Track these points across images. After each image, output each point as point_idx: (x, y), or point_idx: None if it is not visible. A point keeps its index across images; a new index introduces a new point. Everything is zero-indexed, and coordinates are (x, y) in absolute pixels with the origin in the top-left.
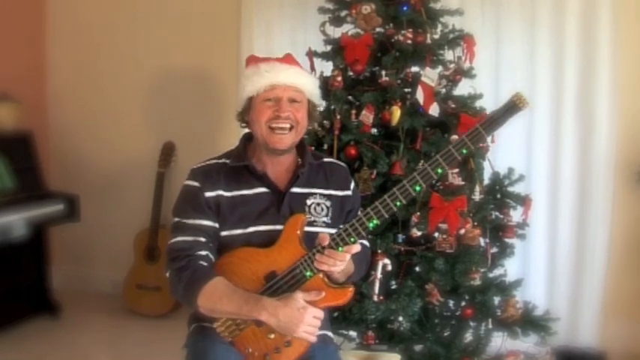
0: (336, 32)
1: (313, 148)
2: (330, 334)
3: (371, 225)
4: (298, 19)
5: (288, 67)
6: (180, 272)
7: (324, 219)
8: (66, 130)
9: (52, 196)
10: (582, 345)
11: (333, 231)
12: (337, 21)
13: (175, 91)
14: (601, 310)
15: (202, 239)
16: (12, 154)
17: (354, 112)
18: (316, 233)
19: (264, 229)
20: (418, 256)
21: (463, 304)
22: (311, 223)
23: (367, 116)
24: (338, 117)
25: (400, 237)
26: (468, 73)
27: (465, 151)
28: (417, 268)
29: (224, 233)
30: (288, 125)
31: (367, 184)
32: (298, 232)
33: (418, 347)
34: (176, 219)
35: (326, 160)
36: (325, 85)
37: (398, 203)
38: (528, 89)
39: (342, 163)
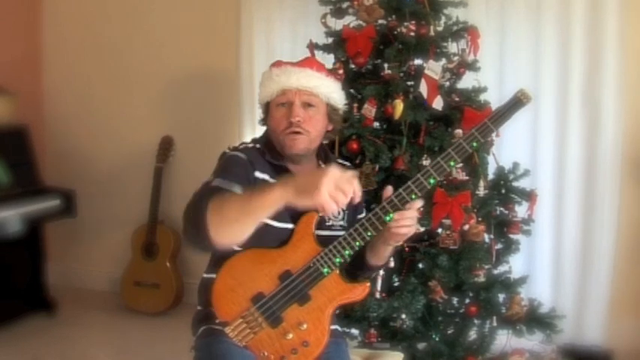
0: (337, 24)
1: None
2: (339, 328)
3: (387, 219)
4: (299, 11)
5: (300, 70)
6: (195, 203)
7: (341, 222)
8: (62, 124)
9: (48, 191)
10: (588, 343)
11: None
12: (339, 13)
13: (174, 85)
14: (607, 308)
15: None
16: (7, 148)
17: (356, 105)
18: (334, 237)
19: (276, 226)
20: (421, 252)
21: (467, 301)
22: (329, 227)
23: (369, 110)
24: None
25: None
26: (472, 66)
27: (475, 144)
28: (420, 265)
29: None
30: (299, 130)
31: (369, 179)
32: (312, 229)
33: (421, 345)
34: (215, 184)
35: (340, 162)
36: None
37: (413, 196)
38: (533, 82)
39: (349, 165)
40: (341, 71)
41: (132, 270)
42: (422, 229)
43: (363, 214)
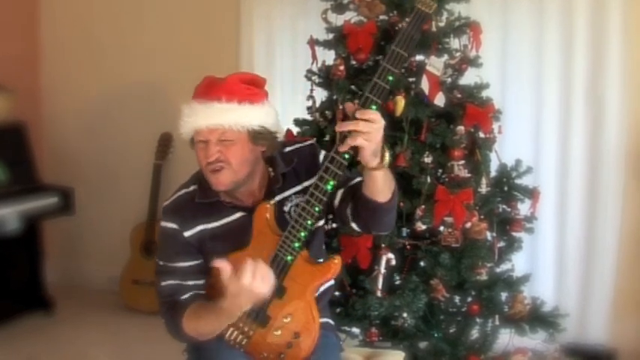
0: (338, 20)
1: (315, 139)
2: (331, 321)
3: (329, 188)
4: (299, 7)
5: (207, 106)
6: (167, 314)
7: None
8: (60, 121)
9: (46, 189)
10: (592, 342)
11: (321, 223)
12: (339, 8)
13: (173, 81)
14: (611, 306)
15: (189, 282)
16: (4, 145)
17: (356, 102)
18: (307, 236)
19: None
20: (423, 250)
21: (469, 299)
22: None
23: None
24: (340, 107)
25: (404, 231)
26: (474, 62)
27: (390, 78)
28: (422, 263)
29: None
30: (219, 166)
31: None
32: (266, 220)
33: (423, 344)
34: (160, 262)
35: (289, 149)
36: (327, 74)
37: (346, 156)
38: (536, 78)
39: (307, 142)
40: (342, 67)
41: (131, 268)
42: (424, 227)
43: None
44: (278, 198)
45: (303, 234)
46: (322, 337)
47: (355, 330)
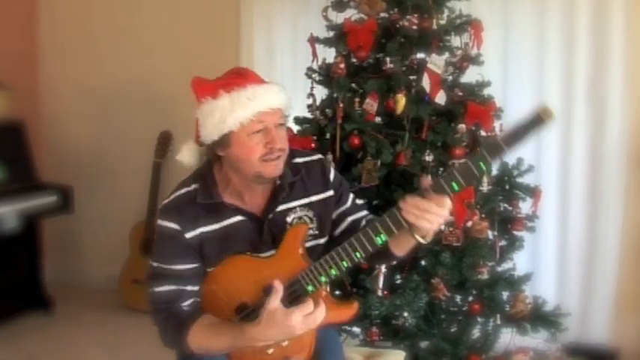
0: (338, 17)
1: (315, 137)
2: None
3: (379, 241)
4: (299, 4)
5: (268, 86)
6: (165, 323)
7: (310, 232)
8: (59, 120)
9: (45, 187)
10: (594, 341)
11: (322, 241)
12: (340, 6)
13: (172, 79)
14: (613, 306)
15: (188, 287)
16: (3, 144)
17: (357, 100)
18: (308, 249)
19: (262, 255)
20: (424, 249)
21: (470, 299)
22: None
23: (371, 104)
24: (341, 105)
25: None
26: (475, 60)
27: (482, 165)
28: (423, 262)
29: (210, 269)
30: (281, 153)
31: (371, 175)
32: (299, 243)
33: (424, 344)
34: (155, 264)
35: (299, 161)
36: (328, 72)
37: (404, 223)
38: (537, 76)
39: (316, 156)
40: (342, 65)
41: (130, 267)
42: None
43: (344, 207)
44: (282, 208)
45: (333, 271)
46: (323, 335)
47: (356, 329)
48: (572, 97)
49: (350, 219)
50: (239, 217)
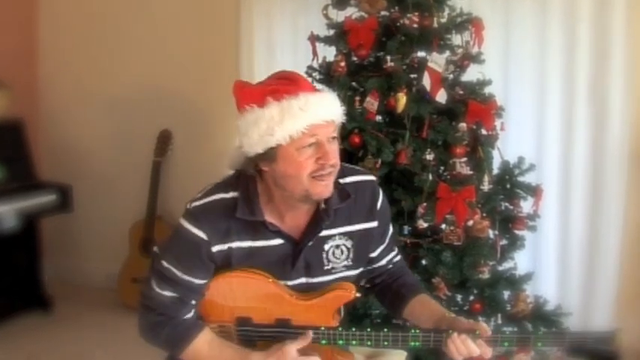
0: (339, 16)
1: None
2: None
3: (412, 344)
4: (300, 2)
5: (320, 96)
6: (157, 327)
7: (345, 262)
8: (58, 118)
9: (44, 186)
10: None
11: (354, 273)
12: (340, 4)
13: (172, 78)
14: (615, 305)
15: (192, 301)
16: (2, 142)
17: (357, 98)
18: (335, 280)
19: (289, 284)
20: (425, 248)
21: (471, 298)
22: (329, 272)
23: (372, 103)
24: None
25: (406, 229)
26: (476, 59)
27: (540, 344)
28: (424, 261)
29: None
30: (332, 170)
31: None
32: (338, 306)
33: None
34: (166, 265)
35: (349, 181)
36: (328, 70)
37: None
38: (539, 75)
39: (368, 177)
40: (343, 64)
41: (129, 266)
42: (425, 225)
43: (382, 247)
44: (322, 234)
45: (354, 343)
46: None
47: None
48: (574, 95)
49: (386, 259)
50: (280, 240)
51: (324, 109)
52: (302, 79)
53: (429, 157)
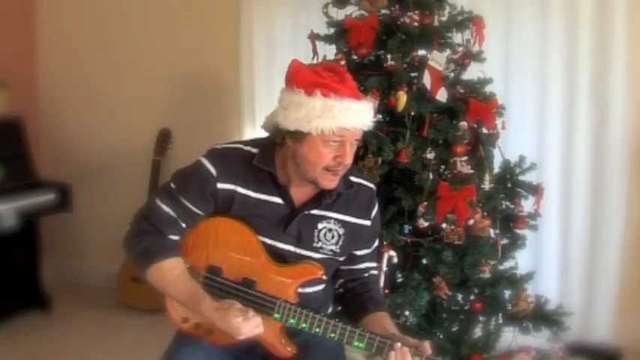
0: (339, 14)
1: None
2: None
3: (356, 344)
4: (300, 1)
5: (360, 105)
6: (143, 234)
7: (333, 247)
8: (57, 116)
9: (43, 185)
10: (597, 340)
11: (338, 260)
12: (341, 2)
13: (172, 76)
14: (616, 305)
15: (184, 225)
16: (1, 141)
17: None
18: (320, 260)
19: (263, 241)
20: (425, 247)
21: (472, 297)
22: (317, 249)
23: (372, 102)
24: None
25: (406, 228)
26: (477, 57)
27: None
28: (424, 261)
29: (224, 217)
30: (343, 168)
31: (372, 173)
32: (303, 280)
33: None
34: (173, 185)
35: (354, 180)
36: None
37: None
38: (540, 73)
39: (371, 185)
40: (343, 62)
41: (128, 266)
42: (426, 224)
43: (367, 251)
44: (320, 212)
45: (304, 325)
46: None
47: None
48: (575, 94)
49: (365, 265)
50: (278, 200)
51: (359, 119)
52: (349, 79)
53: (430, 155)
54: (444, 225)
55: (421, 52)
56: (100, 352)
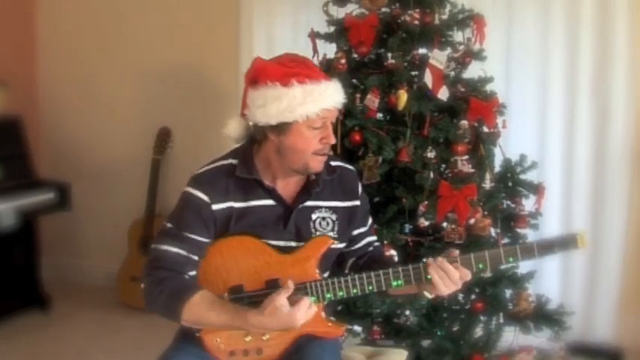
0: (339, 12)
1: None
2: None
3: (394, 284)
4: None
5: (334, 84)
6: (162, 282)
7: (330, 234)
8: (57, 115)
9: (43, 184)
10: (598, 340)
11: (338, 247)
12: (341, 1)
13: (171, 75)
14: (617, 304)
15: (196, 257)
16: (0, 140)
17: (358, 96)
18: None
19: (279, 244)
20: (426, 247)
21: (473, 297)
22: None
23: (372, 100)
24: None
25: (407, 227)
26: (478, 56)
27: (511, 259)
28: (425, 260)
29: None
30: (328, 149)
31: (372, 172)
32: (320, 254)
33: (426, 342)
34: (170, 225)
35: (334, 164)
36: (328, 67)
37: (429, 277)
38: (541, 72)
39: (351, 167)
40: (343, 61)
41: (128, 265)
42: (427, 223)
43: (364, 229)
44: (310, 203)
45: (341, 293)
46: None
47: (357, 328)
48: (576, 93)
49: (366, 240)
50: (270, 201)
51: (336, 97)
52: (313, 64)
53: (430, 154)
54: (444, 224)
55: (422, 51)
56: (99, 352)
